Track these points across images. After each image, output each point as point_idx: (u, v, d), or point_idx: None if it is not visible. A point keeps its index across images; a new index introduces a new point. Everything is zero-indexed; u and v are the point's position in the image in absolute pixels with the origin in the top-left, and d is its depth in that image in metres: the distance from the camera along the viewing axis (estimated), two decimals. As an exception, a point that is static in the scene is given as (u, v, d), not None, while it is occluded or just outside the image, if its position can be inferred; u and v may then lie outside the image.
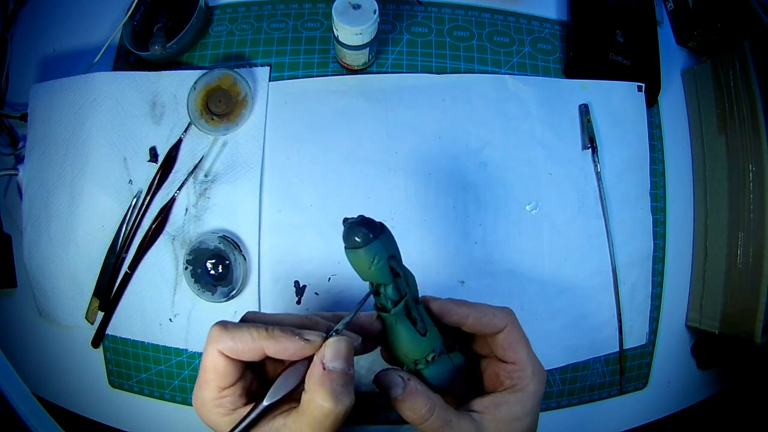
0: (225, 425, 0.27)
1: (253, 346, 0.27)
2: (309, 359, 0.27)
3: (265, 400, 0.27)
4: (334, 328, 0.28)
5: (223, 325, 0.27)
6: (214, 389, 0.27)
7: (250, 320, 0.30)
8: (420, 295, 0.32)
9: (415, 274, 0.41)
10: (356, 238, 0.29)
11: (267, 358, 0.28)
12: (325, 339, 0.27)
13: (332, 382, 0.26)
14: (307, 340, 0.27)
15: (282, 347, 0.27)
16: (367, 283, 0.31)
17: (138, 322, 0.47)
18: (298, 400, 0.27)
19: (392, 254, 0.30)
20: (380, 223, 0.30)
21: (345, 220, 0.30)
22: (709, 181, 0.51)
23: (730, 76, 0.48)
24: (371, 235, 0.29)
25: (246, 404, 0.28)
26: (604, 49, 0.50)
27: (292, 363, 0.28)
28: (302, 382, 0.27)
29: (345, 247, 0.30)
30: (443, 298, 0.33)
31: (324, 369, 0.26)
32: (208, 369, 0.27)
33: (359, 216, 0.30)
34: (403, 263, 0.31)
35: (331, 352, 0.27)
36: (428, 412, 0.29)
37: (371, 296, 0.31)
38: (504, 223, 0.47)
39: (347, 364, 0.27)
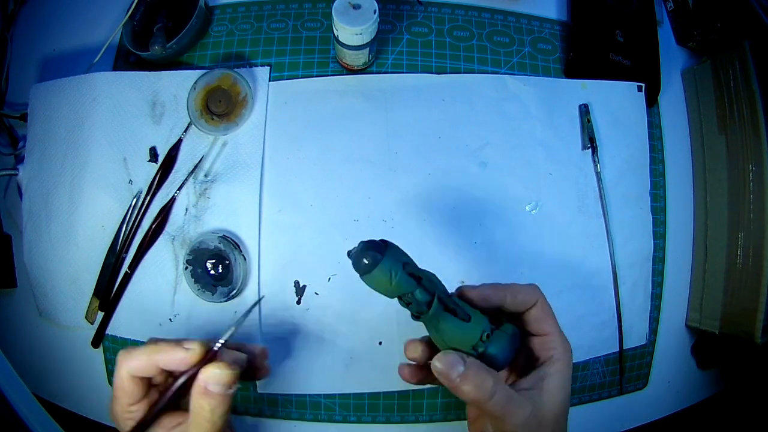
0: None
1: (147, 361, 0.31)
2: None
3: (156, 405, 0.31)
4: (218, 342, 0.32)
5: (126, 349, 0.32)
6: (124, 404, 0.31)
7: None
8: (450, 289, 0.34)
9: None
10: (365, 262, 0.30)
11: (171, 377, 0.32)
12: (207, 351, 0.31)
13: (211, 399, 0.30)
14: (187, 348, 0.31)
15: (168, 357, 0.31)
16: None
17: (138, 322, 0.47)
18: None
19: (405, 262, 0.31)
20: (382, 241, 0.31)
21: (349, 253, 0.31)
22: (709, 181, 0.51)
23: (730, 76, 0.48)
24: (379, 255, 0.30)
25: None
26: (604, 49, 0.50)
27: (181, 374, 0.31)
28: (186, 387, 0.31)
29: (361, 276, 0.31)
30: (478, 285, 0.35)
31: (204, 387, 0.30)
32: (117, 387, 0.31)
33: (360, 243, 0.31)
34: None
35: (207, 376, 0.30)
36: (494, 387, 0.30)
37: (258, 302, 0.35)
38: (504, 223, 0.47)
39: (226, 389, 0.30)
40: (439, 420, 0.47)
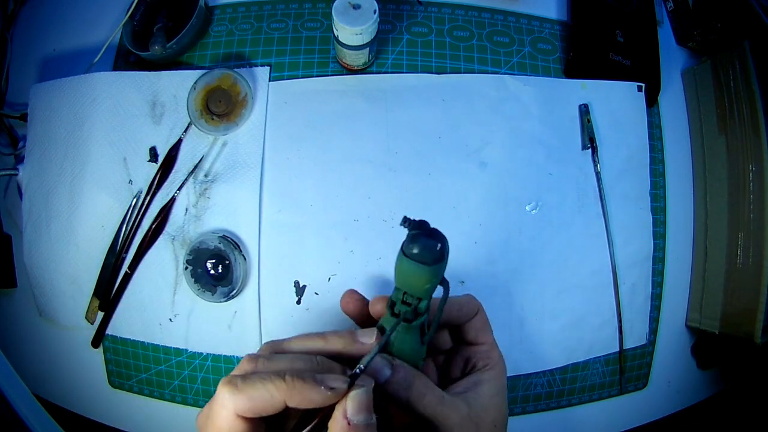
0: None
1: (273, 402, 0.24)
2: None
3: None
4: (358, 368, 0.26)
5: (233, 384, 0.25)
6: None
7: (263, 363, 0.27)
8: None
9: None
10: (428, 253, 0.26)
11: None
12: (350, 383, 0.25)
13: None
14: (332, 388, 0.25)
15: (306, 398, 0.24)
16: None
17: (138, 322, 0.47)
18: None
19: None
20: (445, 237, 0.27)
21: (408, 223, 0.27)
22: (709, 181, 0.51)
23: (730, 76, 0.48)
24: (443, 256, 0.26)
25: None
26: (604, 49, 0.50)
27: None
28: (324, 423, 0.25)
29: (406, 255, 0.26)
30: None
31: (348, 424, 0.24)
32: (219, 430, 0.25)
33: (430, 227, 0.27)
34: None
35: (353, 405, 0.25)
36: (423, 388, 0.28)
37: (389, 301, 0.29)
38: (504, 223, 0.47)
39: (370, 415, 0.25)
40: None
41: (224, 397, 0.24)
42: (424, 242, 0.26)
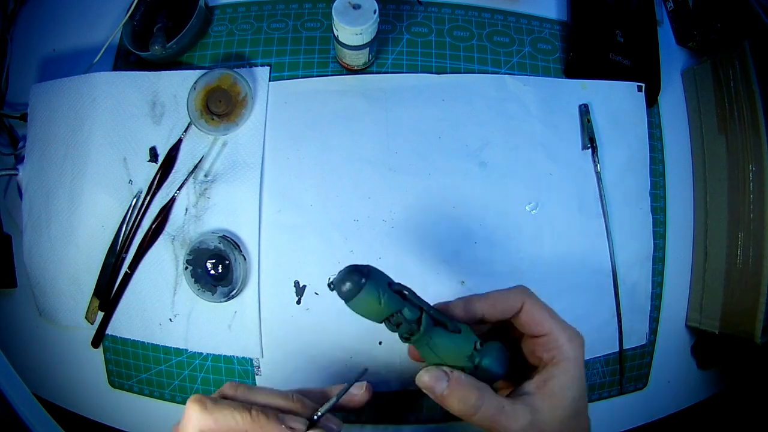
0: None
1: (236, 428, 0.26)
2: None
3: None
4: (318, 412, 0.28)
5: (202, 403, 0.26)
6: None
7: (230, 396, 0.29)
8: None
9: (414, 274, 0.42)
10: (349, 286, 0.29)
11: None
12: (309, 426, 0.27)
13: None
14: (291, 428, 0.26)
15: None
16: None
17: (138, 322, 0.47)
18: None
19: (389, 281, 0.30)
20: (364, 265, 0.30)
21: (330, 285, 0.30)
22: (709, 181, 0.51)
23: (730, 76, 0.48)
24: (362, 277, 0.29)
25: None
26: (604, 49, 0.50)
27: None
28: None
29: (346, 302, 0.30)
30: (452, 301, 0.33)
31: None
32: None
33: (339, 271, 0.30)
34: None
35: None
36: (479, 401, 0.29)
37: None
38: (504, 223, 0.47)
39: None
40: (438, 420, 0.47)
41: (192, 413, 0.26)
42: (338, 286, 0.29)
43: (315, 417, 0.28)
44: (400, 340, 0.32)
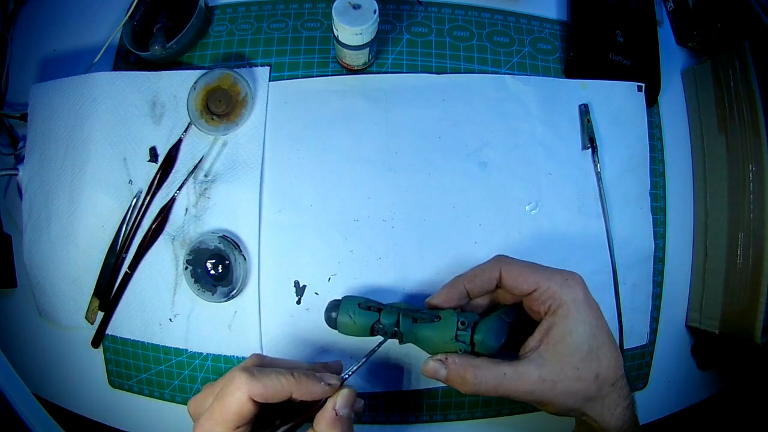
0: None
1: (282, 391, 0.29)
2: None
3: (285, 426, 0.31)
4: (347, 372, 0.33)
5: (250, 372, 0.29)
6: (231, 427, 0.29)
7: (269, 360, 0.34)
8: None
9: (414, 274, 0.44)
10: (333, 317, 0.37)
11: None
12: (342, 382, 0.32)
13: (342, 426, 0.30)
14: (329, 384, 0.31)
15: (309, 391, 0.30)
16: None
17: (138, 322, 0.47)
18: None
19: (359, 302, 0.37)
20: (337, 300, 0.38)
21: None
22: (709, 181, 0.51)
23: (730, 76, 0.48)
24: (334, 313, 0.37)
25: None
26: (604, 49, 0.50)
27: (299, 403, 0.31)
28: (309, 417, 0.31)
29: (338, 330, 0.38)
30: (438, 291, 0.37)
31: (336, 414, 0.30)
32: (232, 411, 0.29)
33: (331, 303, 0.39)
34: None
35: (342, 400, 0.31)
36: (475, 378, 0.31)
37: (386, 339, 0.36)
38: (504, 223, 0.47)
39: (351, 410, 0.31)
40: (439, 420, 0.47)
41: (241, 380, 0.29)
42: (327, 322, 0.38)
43: (345, 376, 0.33)
44: (398, 344, 0.37)
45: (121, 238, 0.47)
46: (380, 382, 0.46)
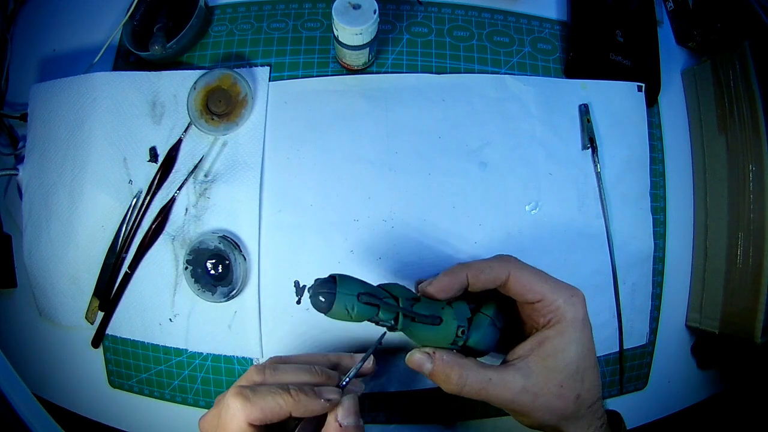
0: None
1: (280, 412, 0.28)
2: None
3: None
4: (345, 379, 0.31)
5: (245, 396, 0.28)
6: None
7: (261, 382, 0.31)
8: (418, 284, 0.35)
9: (414, 274, 0.42)
10: (322, 301, 0.32)
11: None
12: (341, 394, 0.30)
13: None
14: (328, 400, 0.29)
15: (307, 409, 0.28)
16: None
17: (138, 322, 0.47)
18: None
19: (360, 292, 0.33)
20: (330, 276, 0.33)
21: (306, 292, 0.34)
22: (709, 181, 0.51)
23: (730, 76, 0.48)
24: (331, 294, 0.32)
25: None
26: (604, 49, 0.50)
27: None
28: (316, 428, 0.30)
29: (326, 315, 0.33)
30: (437, 276, 0.34)
31: (340, 426, 0.28)
32: None
33: (314, 281, 0.33)
34: (384, 282, 0.35)
35: (343, 410, 0.29)
36: (461, 378, 0.31)
37: (380, 344, 0.34)
38: (504, 223, 0.47)
39: (357, 418, 0.29)
40: (439, 420, 0.47)
41: (236, 407, 0.27)
42: (313, 303, 0.33)
43: (343, 384, 0.31)
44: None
45: (121, 238, 0.47)
46: (380, 382, 0.46)
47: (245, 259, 0.45)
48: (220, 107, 0.46)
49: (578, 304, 0.32)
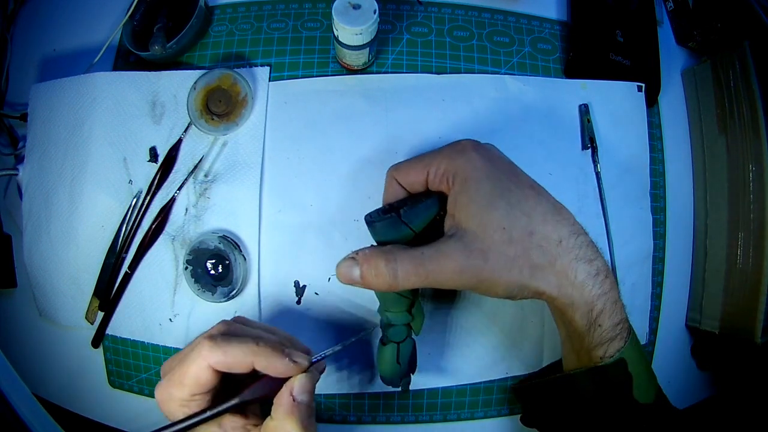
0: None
1: (243, 361, 0.28)
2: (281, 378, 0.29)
3: (234, 399, 0.28)
4: (318, 355, 0.30)
5: (213, 339, 0.28)
6: (187, 393, 0.28)
7: (239, 328, 0.31)
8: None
9: None
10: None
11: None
12: (311, 364, 0.29)
13: (300, 413, 0.27)
14: (295, 361, 0.28)
15: (271, 365, 0.28)
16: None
17: (138, 322, 0.47)
18: (256, 416, 0.29)
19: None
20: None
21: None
22: (709, 181, 0.51)
23: (730, 76, 0.48)
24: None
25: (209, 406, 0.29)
26: (604, 49, 0.50)
27: (264, 376, 0.29)
28: (268, 394, 0.29)
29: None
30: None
31: (293, 400, 0.27)
32: (190, 377, 0.28)
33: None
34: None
35: (299, 385, 0.28)
36: (389, 264, 0.29)
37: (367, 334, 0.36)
38: (504, 223, 0.47)
39: (311, 398, 0.28)
40: (439, 420, 0.47)
41: (203, 347, 0.27)
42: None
43: (315, 359, 0.30)
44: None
45: (121, 238, 0.47)
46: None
47: (245, 259, 0.45)
48: (220, 107, 0.46)
49: (464, 149, 0.31)
